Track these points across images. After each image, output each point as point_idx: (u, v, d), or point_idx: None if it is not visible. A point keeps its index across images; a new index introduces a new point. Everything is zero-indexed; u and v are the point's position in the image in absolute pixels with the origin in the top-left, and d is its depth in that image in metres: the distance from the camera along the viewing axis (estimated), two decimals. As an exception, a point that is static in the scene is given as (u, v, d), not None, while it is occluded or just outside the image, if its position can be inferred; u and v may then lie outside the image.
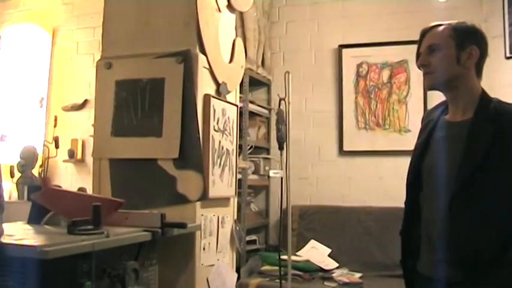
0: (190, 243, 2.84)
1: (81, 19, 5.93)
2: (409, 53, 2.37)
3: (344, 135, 5.29)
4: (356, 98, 5.28)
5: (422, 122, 2.48)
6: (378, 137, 5.19)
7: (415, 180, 2.35)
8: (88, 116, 5.61)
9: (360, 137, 5.24)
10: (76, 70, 5.93)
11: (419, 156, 2.33)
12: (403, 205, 2.43)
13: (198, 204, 2.85)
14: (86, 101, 5.79)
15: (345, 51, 5.34)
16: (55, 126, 5.67)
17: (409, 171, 2.40)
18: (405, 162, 2.45)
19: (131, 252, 2.41)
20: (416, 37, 2.35)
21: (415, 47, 2.35)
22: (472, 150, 2.14)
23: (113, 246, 2.16)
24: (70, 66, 5.99)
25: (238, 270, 3.77)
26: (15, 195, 5.44)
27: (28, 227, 2.46)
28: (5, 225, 2.00)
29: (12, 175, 5.38)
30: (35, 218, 2.52)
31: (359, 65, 5.29)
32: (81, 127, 5.74)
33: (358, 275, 4.44)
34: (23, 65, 5.87)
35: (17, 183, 5.41)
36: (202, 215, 2.90)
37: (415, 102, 5.04)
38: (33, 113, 5.89)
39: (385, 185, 5.05)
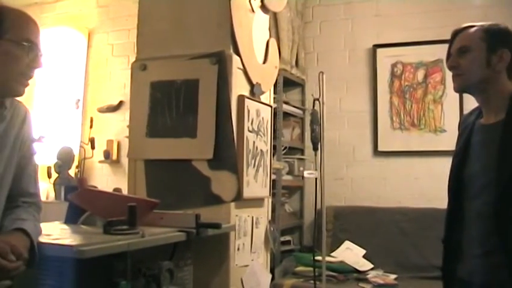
0: (225, 244, 2.84)
1: (116, 21, 5.99)
2: (445, 52, 2.33)
3: (379, 135, 5.25)
4: (391, 98, 5.23)
5: (459, 128, 2.44)
6: (413, 137, 5.13)
7: (456, 187, 2.31)
8: (123, 117, 5.66)
9: (395, 138, 5.19)
10: (111, 72, 5.99)
11: (459, 162, 2.29)
12: (438, 206, 2.41)
13: (233, 204, 2.86)
14: (121, 103, 5.85)
15: (379, 50, 5.30)
16: (91, 127, 5.73)
17: (449, 178, 2.36)
18: (441, 162, 2.43)
19: (166, 252, 2.42)
20: (452, 36, 2.32)
21: (450, 46, 2.32)
22: (507, 152, 2.11)
23: (148, 246, 2.17)
24: (105, 68, 6.05)
25: (272, 271, 3.76)
26: (52, 195, 5.51)
27: (65, 226, 2.48)
28: (42, 225, 2.03)
29: (49, 176, 5.45)
30: (72, 218, 2.55)
31: (393, 65, 5.24)
32: (117, 128, 5.80)
33: (393, 276, 4.40)
34: (60, 68, 5.94)
35: (54, 184, 5.49)
36: (236, 215, 2.90)
37: (451, 102, 4.97)
38: (69, 114, 5.96)
39: (420, 186, 5.00)
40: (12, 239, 1.77)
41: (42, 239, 1.94)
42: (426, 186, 4.90)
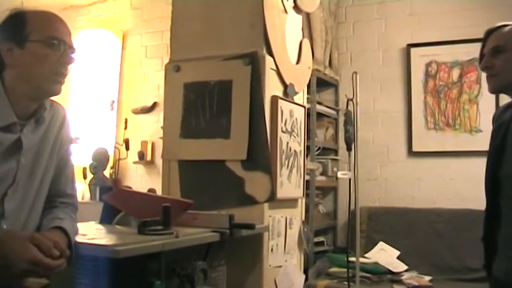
0: (258, 244, 2.85)
1: (149, 23, 6.04)
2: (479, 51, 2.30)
3: (413, 135, 5.20)
4: (425, 97, 5.18)
5: (493, 123, 2.39)
6: (447, 137, 5.08)
7: (493, 186, 2.26)
8: (157, 118, 5.70)
9: (430, 138, 5.14)
10: (145, 73, 6.04)
11: (495, 161, 2.24)
12: (473, 207, 2.38)
13: (266, 205, 2.86)
14: (155, 104, 5.89)
15: (413, 50, 5.25)
16: (125, 128, 5.78)
17: (486, 177, 2.32)
18: (476, 163, 2.40)
19: (200, 253, 2.43)
20: (487, 35, 2.28)
21: (485, 44, 2.28)
22: None
23: (182, 246, 2.18)
24: (139, 70, 6.10)
25: (306, 272, 3.75)
26: (87, 196, 5.57)
27: (100, 226, 2.51)
28: (78, 225, 2.05)
29: (84, 176, 5.51)
30: (107, 218, 2.58)
31: (428, 64, 5.19)
32: (151, 129, 5.84)
33: (427, 278, 4.36)
34: (95, 70, 6.00)
35: (89, 184, 5.55)
36: (270, 216, 2.90)
37: (487, 101, 4.90)
38: (104, 116, 6.02)
39: (455, 187, 4.94)
40: (53, 235, 1.80)
41: (78, 238, 1.96)
42: (461, 187, 4.85)
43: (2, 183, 1.82)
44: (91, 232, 2.22)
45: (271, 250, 2.91)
